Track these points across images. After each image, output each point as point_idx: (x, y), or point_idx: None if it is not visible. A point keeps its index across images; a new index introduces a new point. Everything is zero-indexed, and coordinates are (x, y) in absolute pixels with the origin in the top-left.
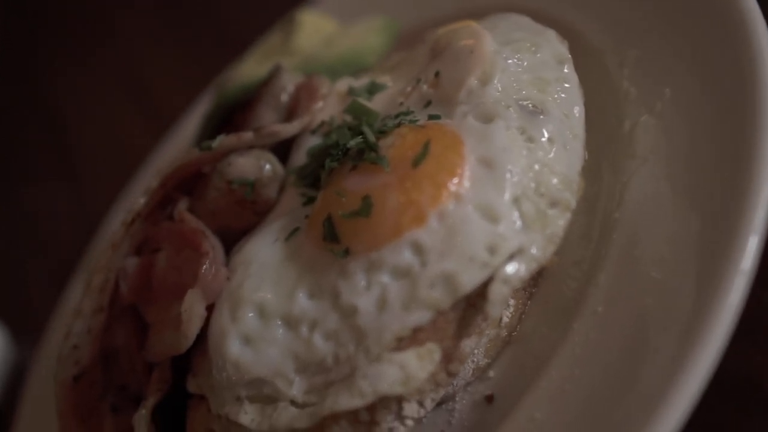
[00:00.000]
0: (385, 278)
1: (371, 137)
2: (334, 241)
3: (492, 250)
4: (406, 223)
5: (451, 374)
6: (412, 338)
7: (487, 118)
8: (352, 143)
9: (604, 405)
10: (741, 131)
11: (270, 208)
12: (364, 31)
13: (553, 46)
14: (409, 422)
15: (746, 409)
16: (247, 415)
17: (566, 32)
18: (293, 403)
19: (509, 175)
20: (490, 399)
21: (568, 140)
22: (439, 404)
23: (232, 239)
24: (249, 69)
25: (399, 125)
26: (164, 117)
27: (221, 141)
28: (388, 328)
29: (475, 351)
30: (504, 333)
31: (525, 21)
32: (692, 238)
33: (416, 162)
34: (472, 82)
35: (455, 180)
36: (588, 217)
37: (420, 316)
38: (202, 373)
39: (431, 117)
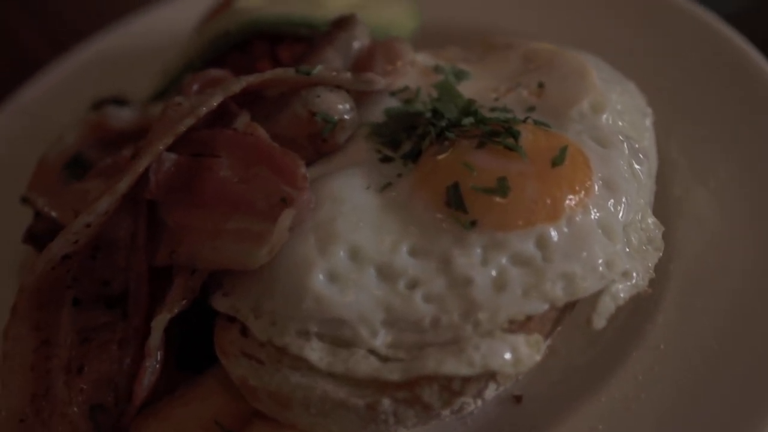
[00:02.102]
0: (504, 261)
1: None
2: (460, 209)
3: (609, 265)
4: (540, 215)
5: None
6: (522, 324)
7: (604, 143)
8: (465, 121)
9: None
10: None
11: (332, 151)
12: (394, 9)
13: (635, 97)
14: (479, 402)
15: None
16: (315, 352)
17: None
18: (373, 352)
19: (625, 201)
20: (518, 399)
21: (653, 188)
22: None
23: None
24: (257, 0)
25: (506, 120)
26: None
27: (319, 71)
28: (503, 309)
29: None
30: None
31: (605, 66)
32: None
33: (555, 163)
34: (584, 105)
35: (584, 192)
36: None
37: (537, 306)
38: (241, 294)
39: (536, 122)
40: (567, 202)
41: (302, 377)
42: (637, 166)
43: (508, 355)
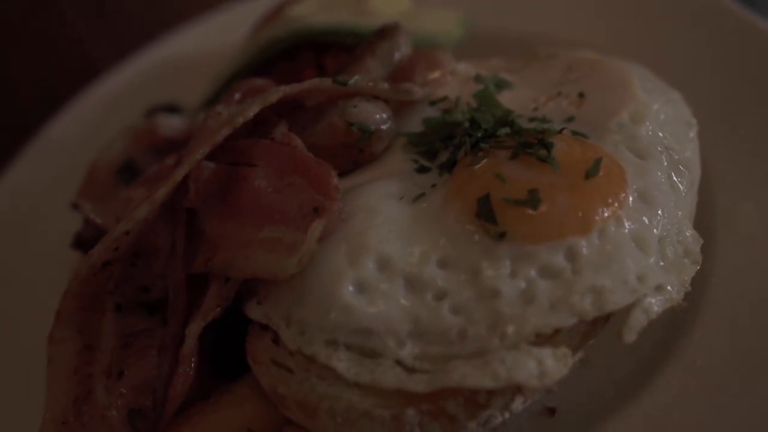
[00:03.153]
0: (532, 273)
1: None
2: (490, 221)
3: (641, 279)
4: (571, 227)
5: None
6: (549, 337)
7: (642, 155)
8: (501, 132)
9: None
10: None
11: (369, 161)
12: (442, 18)
13: (680, 107)
14: (507, 414)
15: None
16: (342, 362)
17: None
18: (399, 363)
19: (660, 214)
20: (552, 412)
21: (695, 198)
22: None
23: None
24: (307, 10)
25: (543, 131)
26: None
27: (357, 81)
28: (530, 321)
29: None
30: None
31: (650, 75)
32: None
33: (588, 175)
34: (624, 116)
35: (618, 204)
36: None
37: (564, 319)
38: (274, 302)
39: (575, 133)
40: (599, 214)
41: (329, 387)
42: (676, 178)
43: (533, 368)
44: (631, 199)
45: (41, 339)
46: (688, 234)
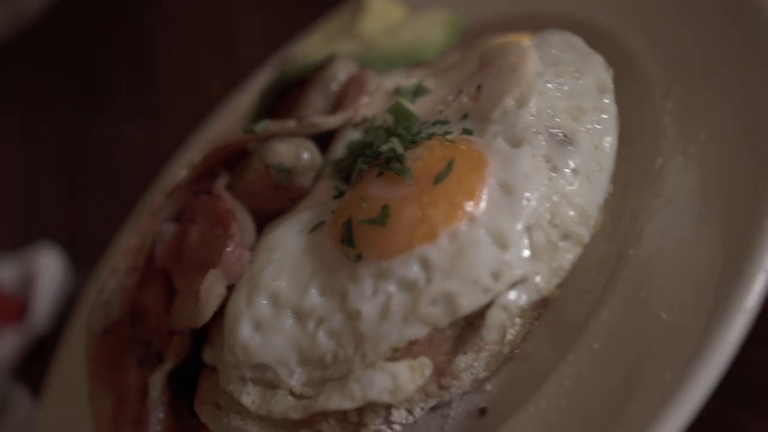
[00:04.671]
0: (391, 288)
1: (400, 148)
2: (349, 244)
3: (496, 276)
4: (417, 237)
5: (443, 387)
6: (407, 350)
7: (516, 142)
8: (384, 148)
9: None
10: (759, 196)
11: (303, 195)
12: (429, 23)
13: (598, 73)
14: (397, 427)
15: None
16: (249, 396)
17: (620, 55)
18: (291, 392)
19: (526, 202)
20: (483, 411)
21: (594, 172)
22: (434, 409)
23: (266, 220)
24: (311, 47)
25: (431, 136)
26: (240, 68)
27: (264, 126)
28: (386, 338)
29: (475, 364)
30: (506, 350)
31: (577, 42)
32: (702, 283)
33: (438, 179)
34: (509, 102)
35: (472, 202)
36: (607, 247)
37: (417, 330)
38: (218, 346)
39: (464, 131)
40: (446, 218)
41: (240, 420)
42: (559, 158)
43: (387, 384)
44: (489, 193)
45: None
46: (570, 214)
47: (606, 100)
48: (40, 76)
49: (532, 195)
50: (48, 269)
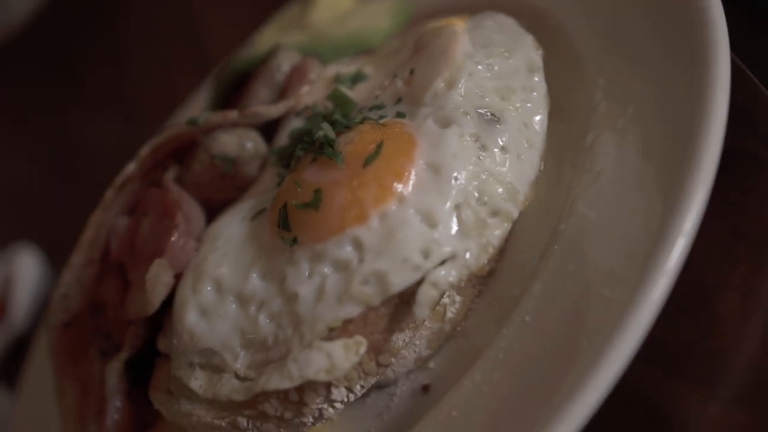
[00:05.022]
0: (326, 269)
1: (331, 133)
2: (285, 228)
3: (426, 253)
4: (349, 219)
5: (381, 365)
6: (343, 329)
7: (445, 123)
8: (319, 134)
9: (514, 410)
10: (681, 163)
11: (250, 184)
12: (376, 11)
13: (527, 53)
14: (338, 405)
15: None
16: (197, 381)
17: (553, 34)
18: (236, 375)
19: (454, 182)
20: (426, 389)
21: (523, 150)
22: (381, 387)
23: (214, 210)
24: (264, 40)
25: (363, 120)
26: (209, 59)
27: (207, 118)
28: (321, 318)
29: (417, 341)
30: (447, 327)
31: (509, 23)
32: (630, 252)
33: (367, 162)
34: (439, 84)
35: (400, 183)
36: (542, 223)
37: (350, 310)
38: (171, 334)
39: (398, 114)
40: (375, 199)
41: (189, 405)
42: (488, 137)
43: (323, 363)
44: (418, 174)
45: None
46: (499, 191)
47: (536, 79)
48: (20, 79)
49: (460, 174)
50: (26, 270)
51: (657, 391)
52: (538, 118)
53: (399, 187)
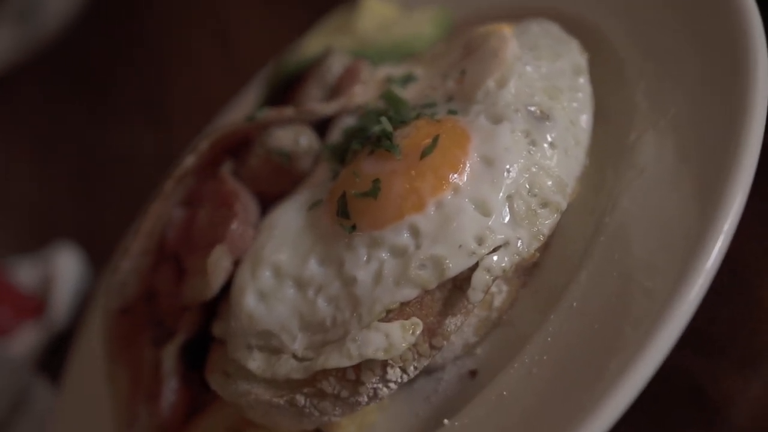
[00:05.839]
0: (383, 255)
1: (388, 127)
2: (345, 216)
3: (480, 240)
4: (407, 207)
5: (434, 347)
6: (400, 311)
7: (497, 119)
8: (375, 129)
9: (563, 390)
10: (722, 163)
11: (303, 178)
12: (420, 19)
13: (573, 56)
14: (392, 385)
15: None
16: (255, 361)
17: (595, 39)
18: (294, 356)
19: (506, 173)
20: (473, 374)
21: (570, 146)
22: (429, 373)
23: (269, 203)
24: (310, 45)
25: (418, 116)
26: (241, 69)
27: (264, 114)
28: (379, 300)
29: (465, 329)
30: (494, 315)
31: (554, 29)
32: (670, 247)
33: (424, 153)
34: (490, 84)
35: (456, 173)
36: (587, 217)
37: (408, 293)
38: (226, 319)
39: (450, 112)
40: (432, 189)
41: (246, 384)
42: (537, 133)
43: (381, 342)
44: (472, 165)
45: None
46: (548, 184)
47: (581, 80)
48: (56, 91)
49: (512, 166)
50: (66, 267)
51: (699, 372)
52: (584, 117)
53: (454, 177)
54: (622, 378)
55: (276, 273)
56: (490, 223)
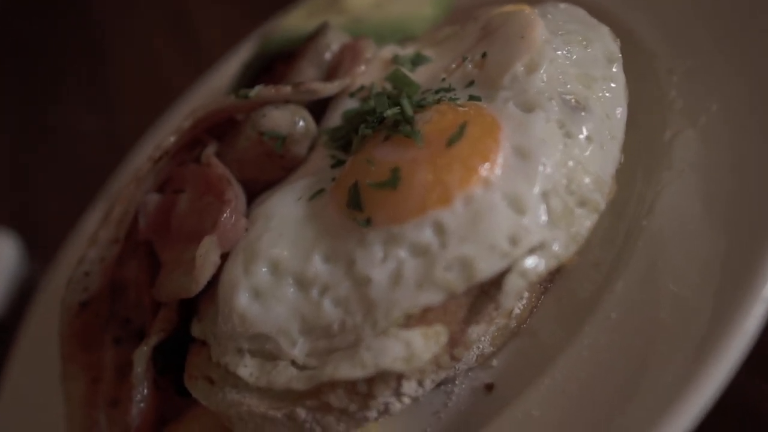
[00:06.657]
0: (402, 253)
1: (409, 110)
2: (357, 208)
3: (514, 241)
4: (431, 201)
5: (455, 358)
6: (421, 317)
7: (528, 108)
8: (389, 113)
9: (603, 412)
10: None
11: (297, 164)
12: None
13: (605, 43)
14: (406, 400)
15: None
16: (247, 368)
17: (621, 31)
18: (294, 363)
19: (542, 168)
20: (490, 388)
21: (606, 141)
22: (438, 385)
23: (255, 191)
24: (295, 21)
25: (439, 101)
26: (204, 57)
27: (259, 91)
28: (398, 304)
29: (482, 338)
30: (513, 324)
31: (580, 13)
32: (717, 259)
33: (451, 141)
34: (518, 68)
35: (487, 165)
36: (615, 220)
37: (432, 297)
38: (208, 319)
39: (471, 97)
40: (461, 181)
41: (237, 394)
42: (573, 124)
43: (400, 352)
44: (504, 157)
45: None
46: (586, 181)
47: (615, 69)
48: None
49: (548, 160)
50: (1, 254)
51: (756, 396)
52: (619, 109)
53: (485, 169)
54: (674, 406)
55: (273, 269)
56: (525, 221)
